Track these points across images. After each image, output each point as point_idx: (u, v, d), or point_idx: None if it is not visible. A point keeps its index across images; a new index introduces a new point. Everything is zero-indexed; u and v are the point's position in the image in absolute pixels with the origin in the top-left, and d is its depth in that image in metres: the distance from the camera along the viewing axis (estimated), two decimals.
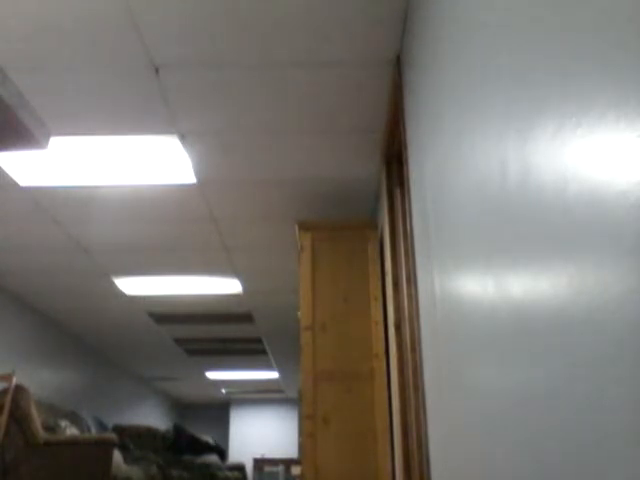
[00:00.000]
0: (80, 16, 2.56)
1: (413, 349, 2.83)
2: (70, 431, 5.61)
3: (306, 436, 3.55)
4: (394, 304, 3.28)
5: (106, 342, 8.27)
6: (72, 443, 4.25)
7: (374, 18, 2.59)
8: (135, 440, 7.70)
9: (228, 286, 6.01)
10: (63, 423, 5.62)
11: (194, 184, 3.97)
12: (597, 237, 0.80)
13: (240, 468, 8.99)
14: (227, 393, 12.64)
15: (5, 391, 4.28)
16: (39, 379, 6.72)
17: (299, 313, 3.83)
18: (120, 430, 7.15)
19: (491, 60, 1.32)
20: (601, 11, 0.79)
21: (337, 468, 3.48)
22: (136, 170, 3.80)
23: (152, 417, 11.53)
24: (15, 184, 3.94)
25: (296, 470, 10.95)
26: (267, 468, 11.85)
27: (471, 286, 1.53)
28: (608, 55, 0.77)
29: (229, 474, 8.31)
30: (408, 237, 2.66)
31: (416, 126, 2.39)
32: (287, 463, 11.57)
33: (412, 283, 2.50)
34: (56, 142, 3.45)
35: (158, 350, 8.81)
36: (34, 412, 4.27)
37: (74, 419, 6.37)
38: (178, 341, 8.32)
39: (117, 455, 5.31)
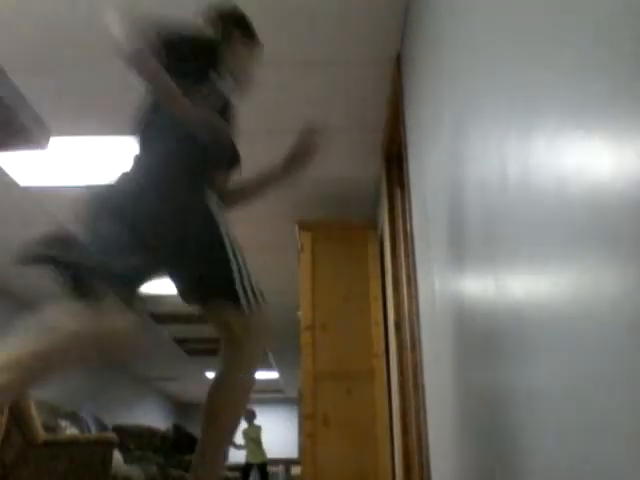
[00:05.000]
0: (80, 16, 2.56)
1: (413, 349, 2.83)
2: (70, 431, 5.60)
3: (306, 436, 3.55)
4: (394, 304, 3.28)
5: None
6: (72, 443, 4.24)
7: (374, 17, 2.59)
8: (135, 440, 7.69)
9: None
10: (63, 423, 5.61)
11: None
12: (597, 237, 0.80)
13: (240, 468, 8.99)
14: None
15: None
16: None
17: (299, 313, 3.83)
18: (120, 430, 7.14)
19: (492, 60, 1.31)
20: (601, 12, 0.79)
21: (337, 468, 3.48)
22: None
23: (152, 417, 11.53)
24: (15, 184, 3.94)
25: (296, 470, 10.94)
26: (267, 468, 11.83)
27: (471, 286, 1.53)
28: (608, 56, 0.77)
29: (229, 474, 8.31)
30: (408, 237, 2.66)
31: (416, 126, 2.39)
32: (287, 463, 11.56)
33: (412, 283, 2.50)
34: (56, 142, 3.45)
35: (158, 350, 8.81)
36: (34, 412, 4.27)
37: (74, 419, 6.37)
38: (178, 341, 8.31)
39: (117, 455, 5.30)
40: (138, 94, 1.85)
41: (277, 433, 13.34)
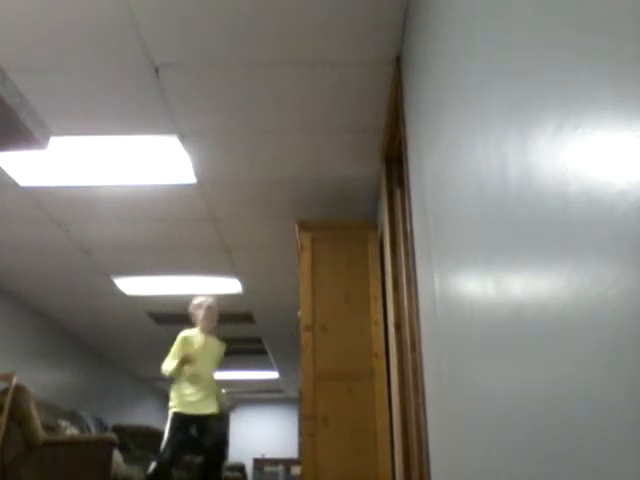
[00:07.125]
0: (80, 16, 2.56)
1: (413, 349, 2.83)
2: (70, 431, 5.61)
3: (306, 436, 3.55)
4: (394, 304, 3.28)
5: (106, 342, 8.26)
6: (72, 443, 4.24)
7: (374, 18, 2.59)
8: (135, 440, 7.69)
9: (228, 286, 6.01)
10: (63, 423, 5.62)
11: (194, 184, 3.97)
12: (597, 237, 0.80)
13: (240, 468, 8.99)
14: (227, 393, 12.63)
15: (5, 391, 4.27)
16: (39, 379, 6.72)
17: (299, 313, 3.83)
18: (120, 430, 7.14)
19: (491, 60, 1.32)
20: (601, 11, 0.79)
21: (337, 468, 3.48)
22: (136, 170, 3.80)
23: (152, 417, 11.53)
24: (15, 184, 3.94)
25: (296, 470, 10.95)
26: (267, 468, 11.84)
27: (471, 286, 1.53)
28: (608, 55, 0.77)
29: (229, 474, 8.31)
30: (408, 237, 2.66)
31: (416, 126, 2.39)
32: (287, 463, 11.56)
33: (412, 283, 2.50)
34: (56, 142, 3.45)
35: (158, 350, 8.80)
36: (34, 412, 4.27)
37: (74, 419, 6.37)
38: None
39: (117, 455, 5.30)
40: (138, 94, 1.84)
41: (277, 433, 13.35)
